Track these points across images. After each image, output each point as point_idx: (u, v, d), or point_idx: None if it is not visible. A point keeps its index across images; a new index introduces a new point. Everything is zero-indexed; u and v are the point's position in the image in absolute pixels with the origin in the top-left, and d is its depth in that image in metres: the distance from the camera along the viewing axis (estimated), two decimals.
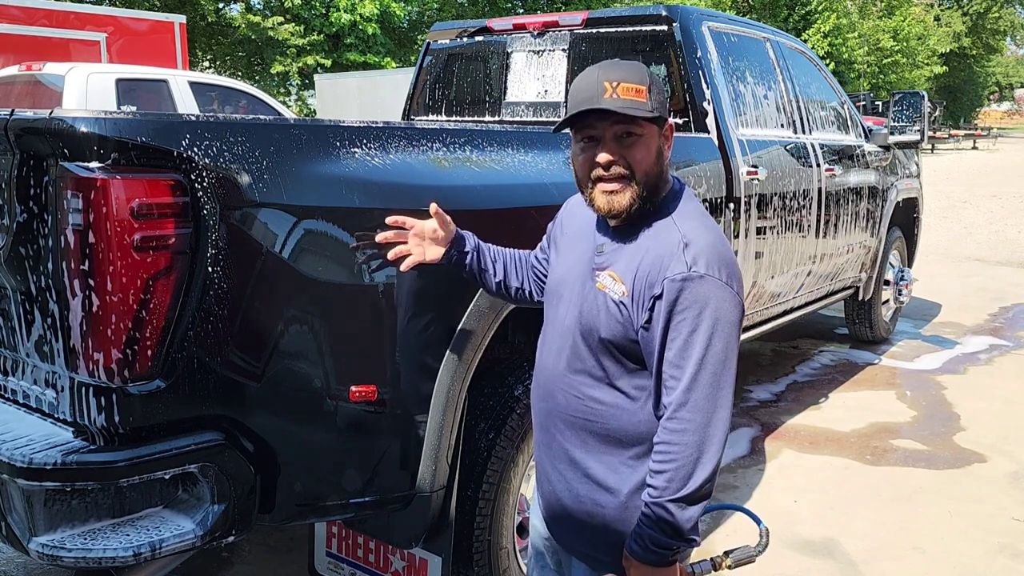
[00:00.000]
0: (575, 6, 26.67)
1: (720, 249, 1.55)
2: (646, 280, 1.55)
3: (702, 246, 1.53)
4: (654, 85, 1.60)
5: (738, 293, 1.53)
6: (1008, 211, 14.51)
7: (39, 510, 1.77)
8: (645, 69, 1.61)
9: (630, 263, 1.59)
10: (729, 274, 1.53)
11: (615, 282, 1.60)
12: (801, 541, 3.31)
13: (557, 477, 1.72)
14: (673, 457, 1.49)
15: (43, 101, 7.06)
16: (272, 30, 21.87)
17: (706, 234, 1.56)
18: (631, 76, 1.58)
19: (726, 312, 1.50)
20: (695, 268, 1.50)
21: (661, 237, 1.57)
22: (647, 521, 1.52)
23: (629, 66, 1.61)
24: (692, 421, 1.49)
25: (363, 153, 2.10)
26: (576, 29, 3.99)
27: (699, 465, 1.49)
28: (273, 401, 1.94)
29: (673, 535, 1.50)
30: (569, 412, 1.68)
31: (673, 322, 1.50)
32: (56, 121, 1.69)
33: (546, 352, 1.76)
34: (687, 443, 1.49)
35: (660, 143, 1.63)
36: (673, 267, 1.51)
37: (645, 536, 1.52)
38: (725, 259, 1.54)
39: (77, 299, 1.72)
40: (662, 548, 1.51)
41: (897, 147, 5.59)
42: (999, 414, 4.73)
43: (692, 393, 1.49)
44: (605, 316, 1.61)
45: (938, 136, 33.97)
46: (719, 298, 1.50)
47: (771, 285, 4.02)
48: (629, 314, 1.57)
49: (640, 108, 1.57)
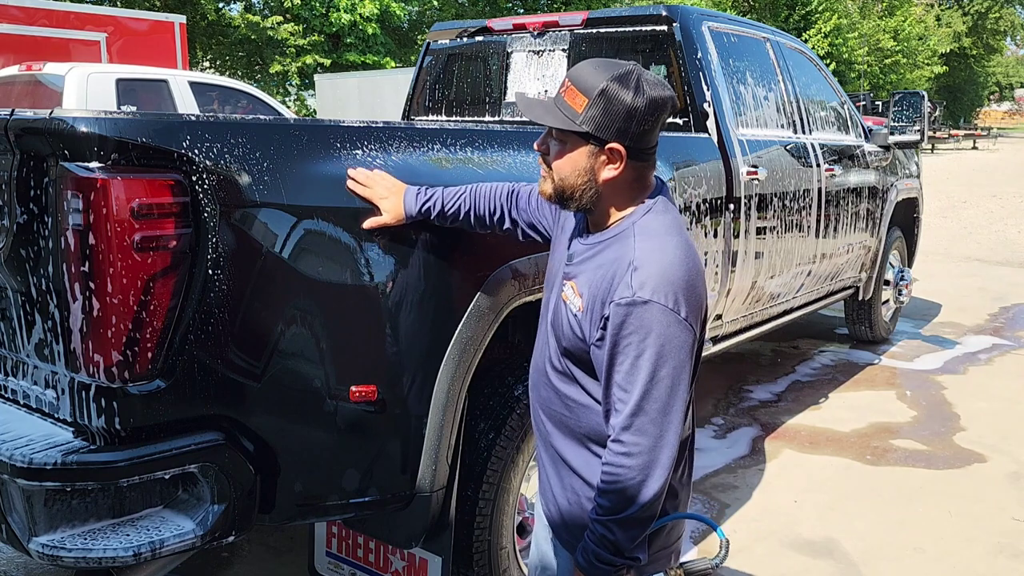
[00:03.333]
0: (575, 6, 26.67)
1: (671, 273, 1.50)
2: (599, 298, 1.55)
3: (651, 271, 1.49)
4: (605, 100, 1.51)
5: (686, 318, 1.50)
6: (1008, 211, 14.51)
7: (39, 510, 1.77)
8: (611, 80, 1.51)
9: (589, 278, 1.59)
10: (676, 300, 1.49)
11: (575, 295, 1.61)
12: (801, 541, 3.31)
13: (547, 459, 1.77)
14: (617, 479, 1.50)
15: (43, 101, 7.06)
16: (272, 30, 21.88)
17: (660, 255, 1.52)
18: (584, 82, 1.53)
19: (672, 337, 1.48)
20: (639, 293, 1.48)
21: (617, 256, 1.55)
22: (592, 537, 1.55)
23: (596, 71, 1.54)
24: (637, 444, 1.49)
25: (363, 153, 2.10)
26: (576, 29, 3.99)
27: (643, 488, 1.49)
28: (273, 401, 1.94)
29: (615, 553, 1.53)
30: (549, 404, 1.72)
31: (620, 346, 1.50)
32: (56, 121, 1.69)
33: (537, 344, 1.80)
34: (631, 466, 1.49)
35: (591, 162, 1.56)
36: (620, 290, 1.50)
37: (590, 551, 1.55)
38: (675, 283, 1.49)
39: (77, 299, 1.72)
40: (604, 564, 1.54)
41: (897, 147, 5.59)
42: (999, 414, 4.73)
43: (637, 417, 1.49)
44: (565, 327, 1.63)
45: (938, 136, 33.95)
46: (664, 323, 1.48)
47: (771, 285, 4.02)
48: (583, 329, 1.58)
49: (557, 116, 1.55)
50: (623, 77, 1.52)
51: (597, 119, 1.52)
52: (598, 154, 1.56)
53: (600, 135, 1.53)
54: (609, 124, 1.53)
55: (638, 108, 1.52)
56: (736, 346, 4.04)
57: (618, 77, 1.52)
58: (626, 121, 1.53)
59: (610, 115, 1.52)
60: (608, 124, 1.53)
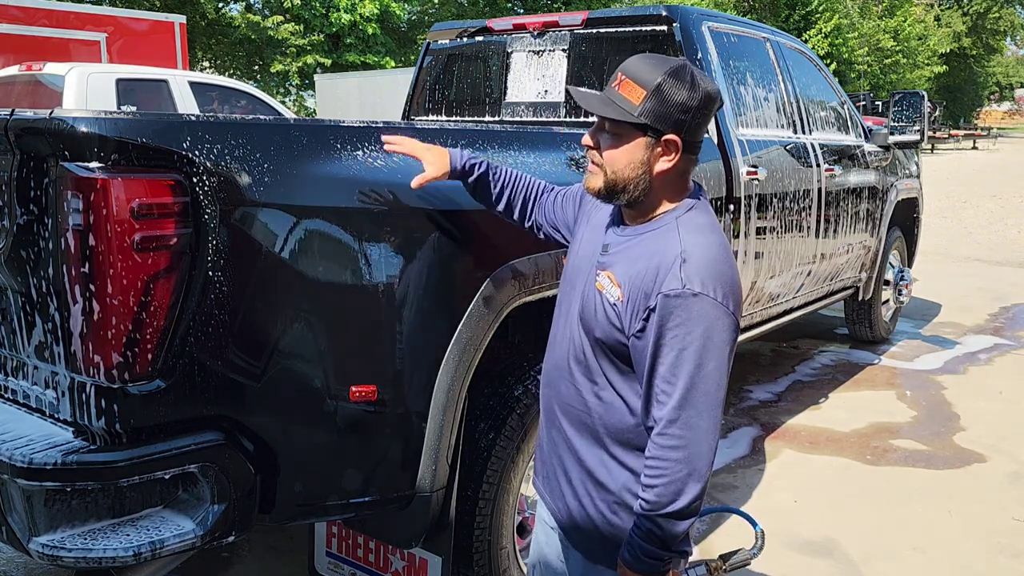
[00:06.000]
0: (575, 6, 26.67)
1: (719, 267, 1.53)
2: (642, 289, 1.55)
3: (700, 263, 1.52)
4: (663, 93, 1.55)
5: (733, 312, 1.52)
6: (1008, 211, 14.51)
7: (39, 510, 1.77)
8: (667, 74, 1.55)
9: (629, 269, 1.59)
10: (725, 293, 1.51)
11: (612, 285, 1.60)
12: (801, 541, 3.31)
13: (559, 458, 1.75)
14: (663, 472, 1.50)
15: (43, 101, 7.05)
16: (272, 30, 21.87)
17: (707, 251, 1.54)
18: (641, 75, 1.57)
19: (719, 331, 1.50)
20: (689, 286, 1.49)
21: (662, 248, 1.56)
22: (638, 532, 1.55)
23: (653, 65, 1.58)
24: (683, 438, 1.49)
25: (364, 153, 2.10)
26: (576, 29, 3.99)
27: (689, 481, 1.50)
28: (273, 401, 1.94)
29: (662, 547, 1.54)
30: (568, 402, 1.71)
31: (665, 337, 1.50)
32: (56, 121, 1.69)
33: (556, 340, 1.79)
34: (678, 459, 1.50)
35: (647, 153, 1.59)
36: (669, 282, 1.51)
37: (636, 546, 1.55)
38: (723, 278, 1.52)
39: (77, 300, 1.72)
40: (652, 559, 1.54)
41: (897, 147, 5.59)
42: (999, 414, 4.73)
43: (683, 410, 1.49)
44: (600, 316, 1.62)
45: (938, 136, 33.96)
46: (712, 317, 1.49)
47: (771, 285, 4.02)
48: (622, 319, 1.58)
49: (615, 108, 1.57)
50: (678, 71, 1.57)
51: (656, 111, 1.56)
52: (654, 146, 1.59)
53: (659, 126, 1.57)
54: (667, 116, 1.56)
55: (694, 101, 1.56)
56: (736, 346, 4.03)
57: (674, 71, 1.56)
58: (683, 114, 1.57)
59: (668, 107, 1.56)
60: (667, 116, 1.56)
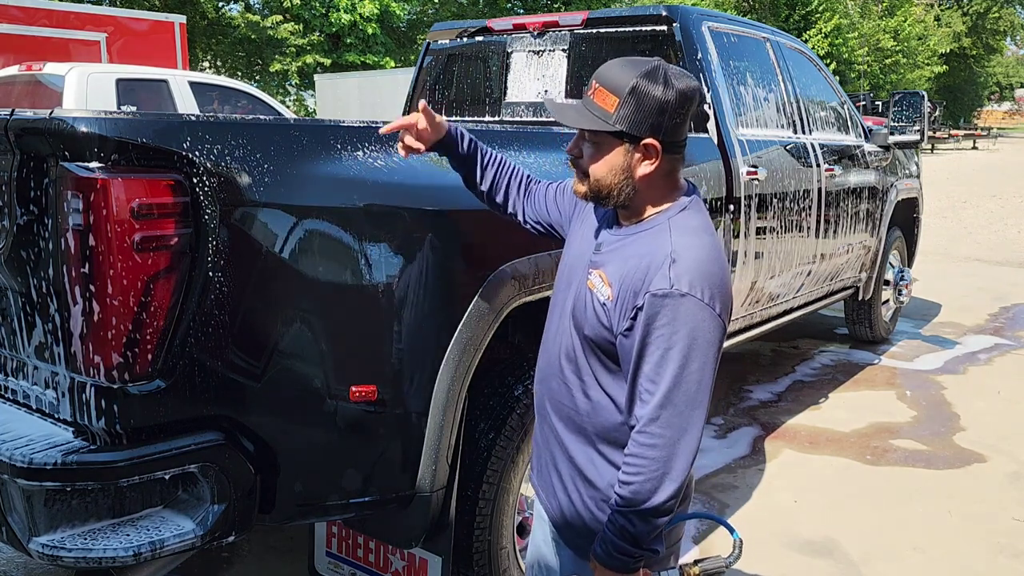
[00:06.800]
0: (575, 6, 26.67)
1: (708, 268, 1.53)
2: (631, 288, 1.55)
3: (689, 264, 1.51)
4: (637, 97, 1.53)
5: (720, 314, 1.52)
6: (1008, 211, 14.51)
7: (39, 510, 1.77)
8: (640, 77, 1.54)
9: (621, 268, 1.59)
10: (712, 295, 1.51)
11: (603, 284, 1.61)
12: (801, 541, 3.31)
13: (551, 455, 1.76)
14: (640, 470, 1.51)
15: (43, 101, 7.06)
16: (272, 30, 21.86)
17: (698, 252, 1.54)
18: (613, 82, 1.55)
19: (704, 332, 1.50)
20: (677, 286, 1.49)
21: (654, 248, 1.56)
22: (611, 528, 1.56)
23: (624, 70, 1.56)
24: (662, 436, 1.50)
25: (364, 154, 2.10)
26: (576, 29, 3.99)
27: (665, 481, 1.50)
28: (273, 401, 1.94)
29: (634, 544, 1.54)
30: (559, 399, 1.72)
31: (651, 336, 1.50)
32: (56, 121, 1.69)
33: (549, 336, 1.79)
34: (655, 458, 1.50)
35: (627, 160, 1.58)
36: (657, 281, 1.51)
37: (608, 542, 1.56)
38: (712, 279, 1.52)
39: (77, 300, 1.72)
40: (623, 555, 1.55)
41: (897, 147, 5.59)
42: (999, 414, 4.74)
43: (664, 409, 1.49)
44: (590, 315, 1.63)
45: (938, 136, 33.95)
46: (699, 318, 1.49)
47: (771, 285, 4.02)
48: (611, 318, 1.58)
49: (589, 118, 1.57)
50: (651, 73, 1.55)
51: (630, 117, 1.55)
52: (633, 151, 1.58)
53: (635, 132, 1.56)
54: (643, 120, 1.55)
55: (669, 101, 1.55)
56: (736, 346, 4.04)
57: (646, 73, 1.55)
58: (659, 116, 1.55)
59: (643, 111, 1.54)
60: (642, 120, 1.55)
